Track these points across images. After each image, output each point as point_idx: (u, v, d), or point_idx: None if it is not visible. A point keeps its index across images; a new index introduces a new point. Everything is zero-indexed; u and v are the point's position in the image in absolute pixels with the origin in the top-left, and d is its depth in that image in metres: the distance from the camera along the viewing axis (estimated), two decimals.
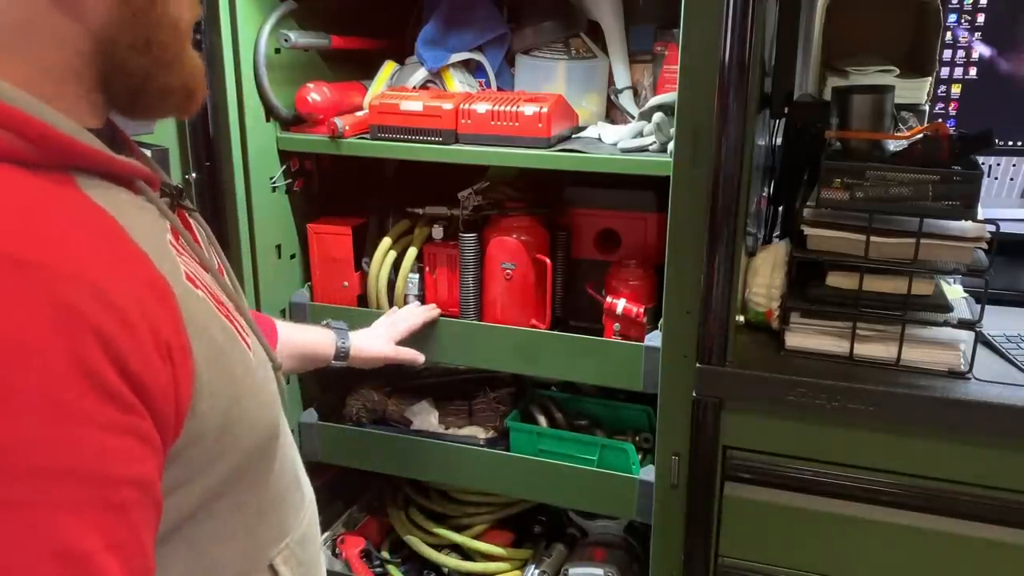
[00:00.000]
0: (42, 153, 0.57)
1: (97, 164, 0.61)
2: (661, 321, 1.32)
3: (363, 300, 1.62)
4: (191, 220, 0.79)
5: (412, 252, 1.57)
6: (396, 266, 1.57)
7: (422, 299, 1.59)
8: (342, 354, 1.37)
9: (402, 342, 1.47)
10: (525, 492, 1.58)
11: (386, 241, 1.58)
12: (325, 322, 1.42)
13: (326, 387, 1.73)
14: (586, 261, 1.56)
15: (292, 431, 1.74)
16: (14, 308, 0.50)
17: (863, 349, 1.21)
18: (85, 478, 0.52)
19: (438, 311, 1.52)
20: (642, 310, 1.42)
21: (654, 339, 1.36)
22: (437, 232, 1.56)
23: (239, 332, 0.70)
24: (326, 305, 1.61)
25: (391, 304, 1.61)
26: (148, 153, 1.21)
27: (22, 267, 0.51)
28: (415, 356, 1.48)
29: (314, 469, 1.74)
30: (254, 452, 0.70)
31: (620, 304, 1.42)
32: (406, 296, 1.60)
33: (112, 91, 0.66)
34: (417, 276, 1.58)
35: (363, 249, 1.61)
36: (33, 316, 0.50)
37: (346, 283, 1.60)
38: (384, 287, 1.58)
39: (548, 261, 1.48)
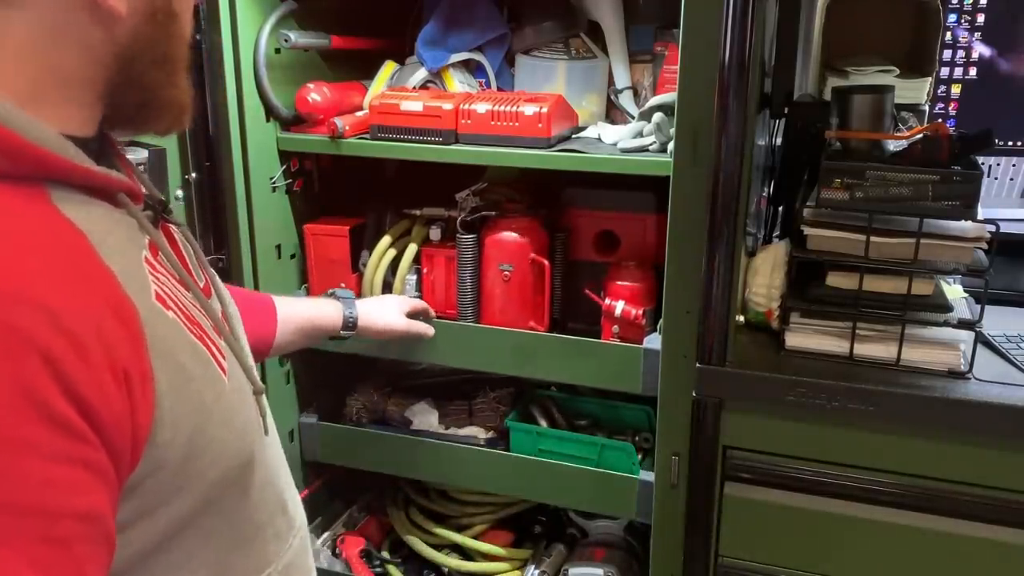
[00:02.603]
0: (12, 164, 0.56)
1: (73, 177, 0.60)
2: (660, 323, 1.32)
3: None
4: (176, 236, 0.76)
5: (410, 253, 1.56)
6: (394, 268, 1.57)
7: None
8: (349, 323, 1.33)
9: (404, 338, 1.45)
10: (525, 492, 1.58)
11: (383, 242, 1.57)
12: (331, 291, 1.41)
13: (326, 387, 1.73)
14: (585, 262, 1.55)
15: (292, 431, 1.75)
16: None
17: (863, 349, 1.21)
18: (22, 509, 0.49)
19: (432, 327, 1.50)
20: (641, 312, 1.41)
21: (653, 341, 1.35)
22: (435, 233, 1.55)
23: (214, 356, 0.67)
24: None
25: None
26: (145, 154, 1.22)
27: None
28: (426, 330, 1.46)
29: (314, 469, 1.76)
30: (225, 481, 0.68)
31: (619, 306, 1.41)
32: None
33: (120, 102, 0.65)
34: (415, 277, 1.57)
35: (361, 250, 1.61)
36: None
37: (343, 284, 1.58)
38: (380, 289, 1.57)
39: (546, 263, 1.47)
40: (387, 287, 1.57)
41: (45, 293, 0.52)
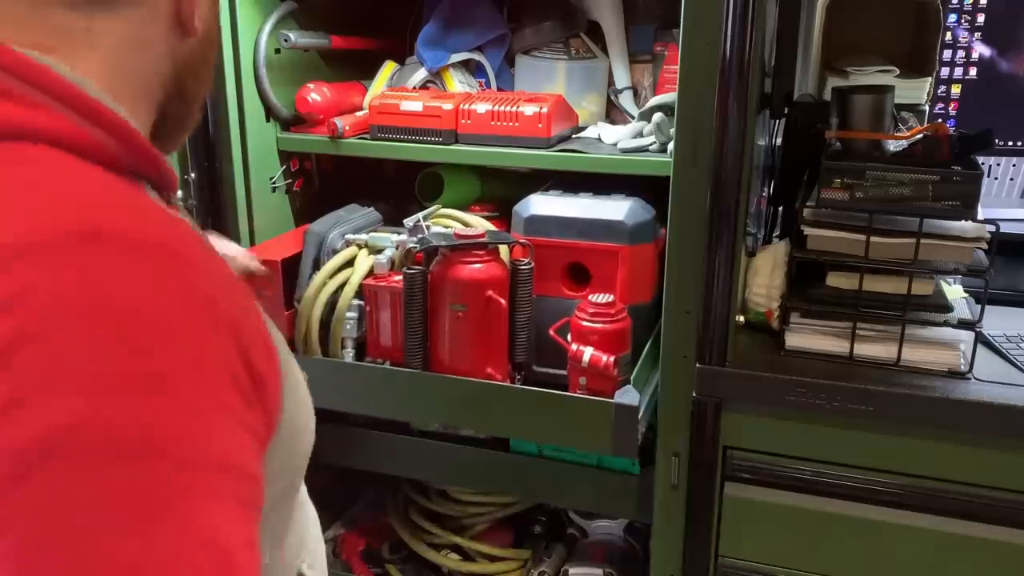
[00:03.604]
0: (130, 158, 0.58)
1: (155, 170, 0.62)
2: (634, 374, 1.23)
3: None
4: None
5: (351, 287, 1.38)
6: (335, 304, 1.39)
7: (362, 341, 1.40)
8: None
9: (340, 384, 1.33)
10: (525, 492, 1.58)
11: (322, 274, 1.40)
12: None
13: None
14: (553, 299, 1.38)
15: None
16: (170, 297, 0.49)
17: (863, 349, 1.21)
18: (230, 471, 0.50)
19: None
20: (612, 360, 1.23)
21: (626, 395, 1.20)
22: (381, 264, 1.38)
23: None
24: None
25: (324, 350, 1.40)
26: None
27: (168, 255, 0.51)
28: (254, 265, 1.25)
29: (314, 469, 1.75)
30: (302, 467, 0.70)
31: (587, 353, 1.23)
32: (343, 340, 1.40)
33: (169, 114, 0.68)
34: (356, 315, 1.39)
35: (296, 283, 1.44)
36: (187, 305, 0.50)
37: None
38: (316, 329, 1.39)
39: (503, 302, 1.29)
40: (325, 326, 1.40)
41: (212, 266, 0.54)
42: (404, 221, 1.38)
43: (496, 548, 1.67)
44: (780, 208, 1.56)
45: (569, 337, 1.28)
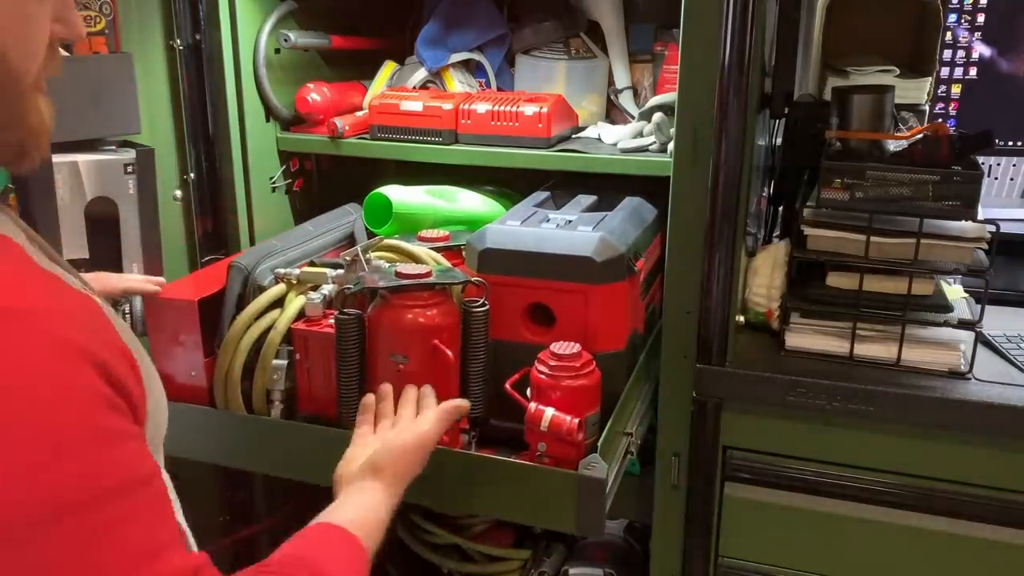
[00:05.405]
0: None
1: None
2: (601, 440, 1.06)
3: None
4: None
5: (277, 332, 1.18)
6: (260, 349, 1.20)
7: (292, 394, 1.21)
8: None
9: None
10: None
11: (246, 315, 1.19)
12: None
13: None
14: (512, 343, 1.20)
15: None
16: (31, 355, 0.52)
17: (863, 349, 1.21)
18: (140, 482, 0.56)
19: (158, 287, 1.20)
20: (576, 422, 1.02)
21: (593, 466, 1.01)
22: (313, 305, 1.18)
23: None
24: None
25: (248, 406, 1.20)
26: (132, 154, 1.26)
27: (17, 315, 0.53)
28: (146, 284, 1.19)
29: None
30: (162, 425, 0.73)
31: (547, 414, 1.03)
32: (270, 393, 1.21)
33: None
34: (285, 363, 1.19)
35: (218, 325, 1.23)
36: (51, 359, 0.53)
37: (194, 372, 1.21)
38: (239, 379, 1.19)
39: (450, 354, 1.10)
40: (248, 372, 1.19)
41: (52, 302, 0.56)
42: (342, 255, 1.23)
43: (496, 548, 1.67)
44: (780, 208, 1.56)
45: (529, 392, 1.10)
